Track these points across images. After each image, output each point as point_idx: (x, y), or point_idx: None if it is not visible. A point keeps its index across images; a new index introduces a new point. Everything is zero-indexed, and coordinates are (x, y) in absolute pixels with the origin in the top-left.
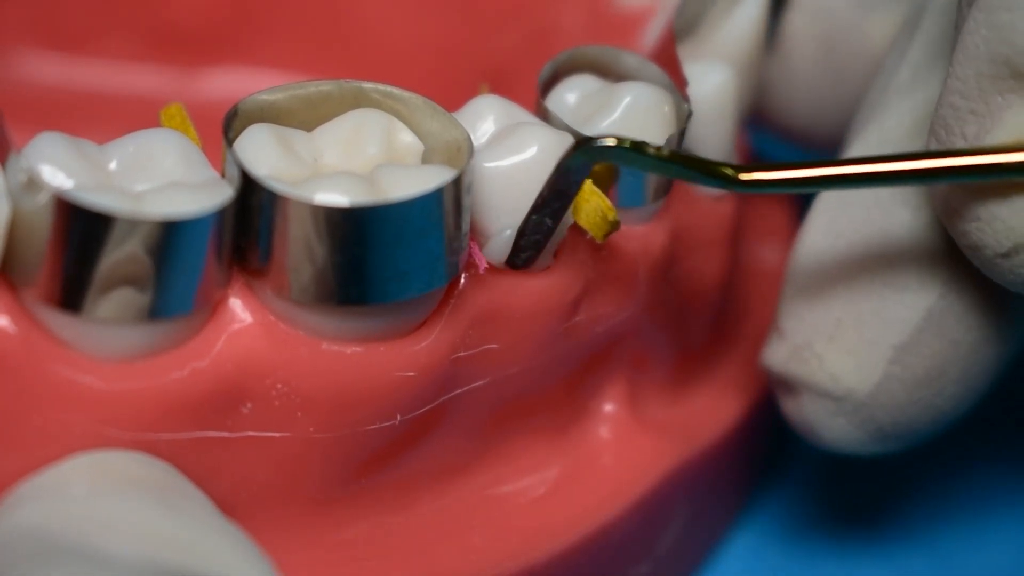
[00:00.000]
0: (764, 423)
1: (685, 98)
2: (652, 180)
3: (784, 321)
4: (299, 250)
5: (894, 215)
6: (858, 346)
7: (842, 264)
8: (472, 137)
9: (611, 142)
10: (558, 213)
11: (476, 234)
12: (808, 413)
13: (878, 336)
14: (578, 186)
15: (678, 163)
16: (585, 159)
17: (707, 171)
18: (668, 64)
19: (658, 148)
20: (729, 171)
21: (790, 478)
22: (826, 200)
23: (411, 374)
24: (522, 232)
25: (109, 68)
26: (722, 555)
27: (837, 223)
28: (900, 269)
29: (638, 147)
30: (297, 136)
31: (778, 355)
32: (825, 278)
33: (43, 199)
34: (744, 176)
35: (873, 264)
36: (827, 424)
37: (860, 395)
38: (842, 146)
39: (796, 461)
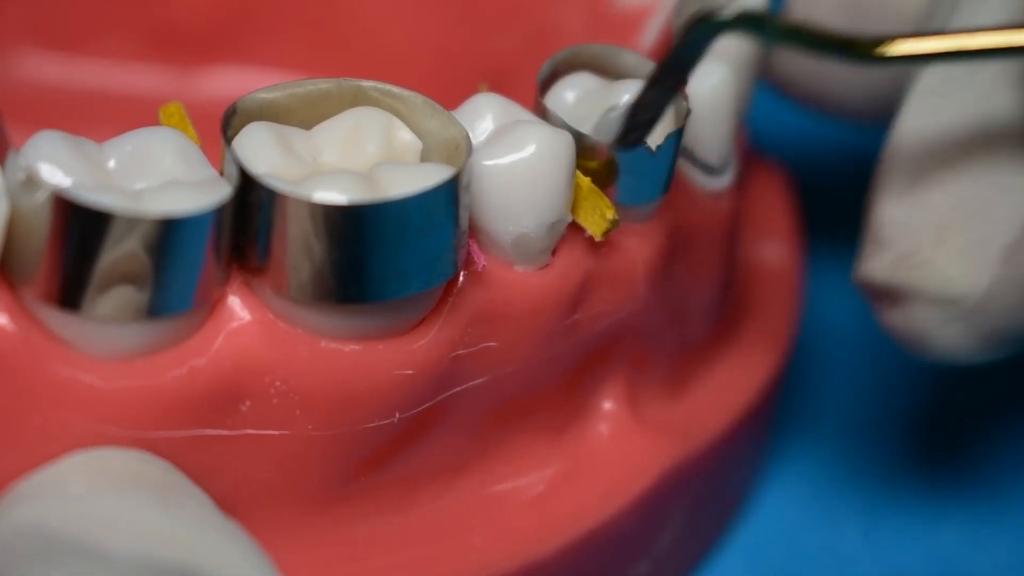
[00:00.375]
0: (764, 421)
1: (684, 97)
2: (651, 178)
3: (883, 230)
4: (298, 248)
5: (991, 115)
6: (967, 248)
7: (939, 165)
8: (471, 135)
9: (735, 14)
10: (675, 87)
11: (475, 232)
12: (919, 322)
13: (986, 237)
14: (697, 61)
15: (806, 35)
16: (708, 32)
17: (839, 43)
18: None
19: (783, 19)
20: (863, 43)
21: (790, 477)
22: (917, 97)
23: (410, 372)
24: (637, 107)
25: (109, 68)
26: (722, 555)
27: (927, 125)
28: (1003, 168)
29: (761, 19)
30: (296, 134)
31: (880, 265)
32: (921, 183)
33: (42, 197)
34: (882, 49)
35: (972, 165)
36: (939, 333)
37: (974, 298)
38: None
39: (796, 460)
